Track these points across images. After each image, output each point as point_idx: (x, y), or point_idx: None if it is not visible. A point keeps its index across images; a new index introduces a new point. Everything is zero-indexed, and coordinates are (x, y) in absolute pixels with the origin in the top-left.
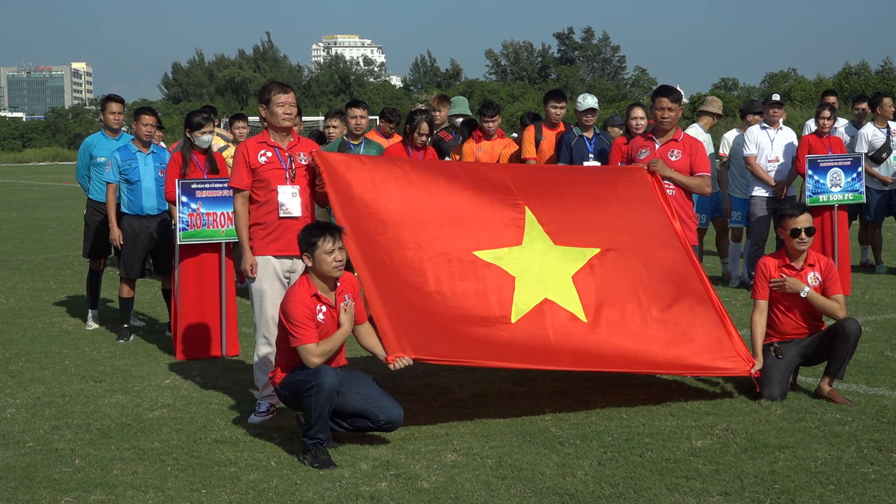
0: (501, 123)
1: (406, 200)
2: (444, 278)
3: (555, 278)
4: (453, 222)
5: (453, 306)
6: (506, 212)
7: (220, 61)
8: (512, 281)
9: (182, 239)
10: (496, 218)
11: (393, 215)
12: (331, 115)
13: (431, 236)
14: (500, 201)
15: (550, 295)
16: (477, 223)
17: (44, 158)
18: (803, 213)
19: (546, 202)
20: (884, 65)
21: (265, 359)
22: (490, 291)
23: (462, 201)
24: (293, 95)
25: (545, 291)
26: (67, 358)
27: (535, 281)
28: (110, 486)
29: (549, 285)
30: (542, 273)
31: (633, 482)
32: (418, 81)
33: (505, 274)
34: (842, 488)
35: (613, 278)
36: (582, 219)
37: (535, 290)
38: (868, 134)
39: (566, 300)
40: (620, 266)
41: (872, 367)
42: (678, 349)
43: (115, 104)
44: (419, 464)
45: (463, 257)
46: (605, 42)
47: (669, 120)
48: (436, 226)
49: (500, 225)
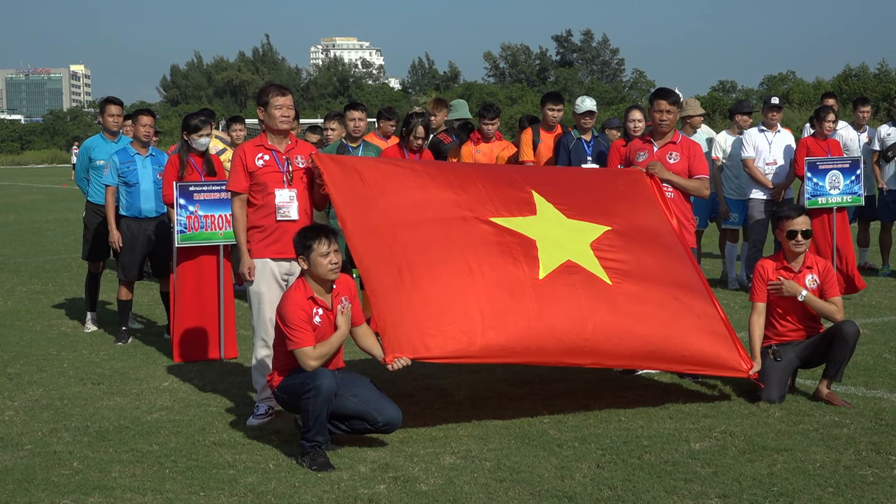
0: (500, 126)
1: (415, 185)
2: (465, 245)
3: (573, 245)
4: (466, 196)
5: (476, 273)
6: (515, 193)
7: (218, 63)
8: (534, 242)
9: (180, 241)
10: (507, 196)
11: (403, 199)
12: (329, 117)
13: (448, 206)
14: (509, 186)
15: (573, 257)
16: (489, 197)
17: (42, 161)
18: (800, 215)
19: (552, 190)
20: (881, 67)
21: (263, 361)
22: (514, 250)
23: (470, 183)
24: (291, 98)
25: (567, 254)
26: (66, 360)
27: (554, 246)
28: (108, 488)
29: (569, 249)
30: (559, 240)
31: (632, 484)
32: (416, 84)
33: (525, 237)
34: (840, 491)
35: (627, 253)
36: (590, 203)
37: (557, 253)
38: (882, 132)
39: (588, 263)
40: (632, 245)
41: (871, 370)
42: (681, 339)
43: (113, 107)
44: (417, 466)
45: (483, 222)
46: (604, 44)
47: (667, 122)
48: (450, 200)
49: (511, 200)
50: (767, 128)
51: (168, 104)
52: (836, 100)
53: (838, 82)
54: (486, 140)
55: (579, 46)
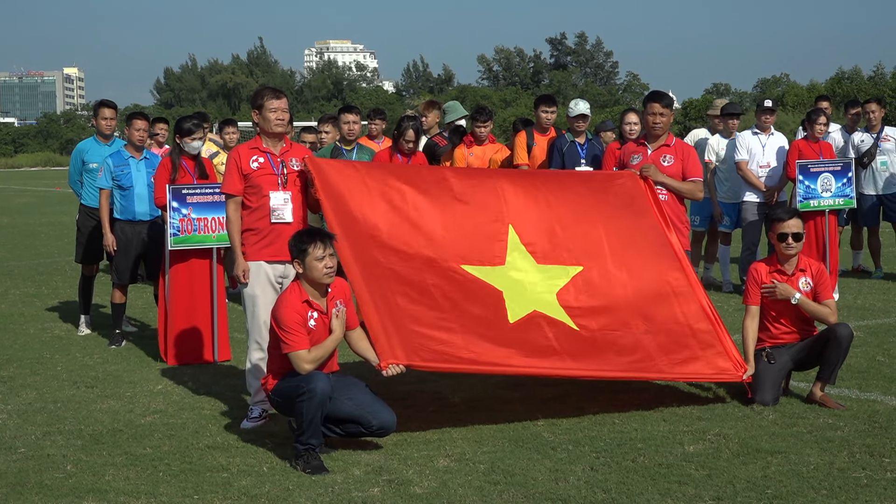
0: (494, 129)
1: (398, 207)
2: (436, 284)
3: (539, 295)
4: (442, 231)
5: (450, 305)
6: (490, 225)
7: (212, 66)
8: (501, 293)
9: (173, 244)
10: (481, 232)
11: (385, 221)
12: (323, 120)
13: (422, 243)
14: (486, 212)
15: (539, 308)
16: (463, 235)
17: (36, 164)
18: (793, 217)
19: (531, 220)
20: (876, 70)
21: (257, 364)
22: (483, 297)
23: (450, 211)
24: (286, 101)
25: (533, 305)
26: (59, 363)
27: (520, 297)
28: (102, 491)
29: (536, 301)
30: (525, 291)
31: (626, 487)
32: (411, 87)
33: (493, 287)
34: (834, 493)
35: (598, 294)
36: (567, 235)
37: (523, 304)
38: (856, 139)
39: (555, 313)
40: (605, 282)
41: (864, 372)
42: (669, 356)
43: (107, 110)
44: (411, 469)
45: (453, 268)
46: (598, 47)
47: (661, 125)
48: (426, 233)
49: (484, 239)
50: (761, 130)
51: (162, 107)
52: (830, 102)
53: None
54: (479, 143)
55: (573, 49)
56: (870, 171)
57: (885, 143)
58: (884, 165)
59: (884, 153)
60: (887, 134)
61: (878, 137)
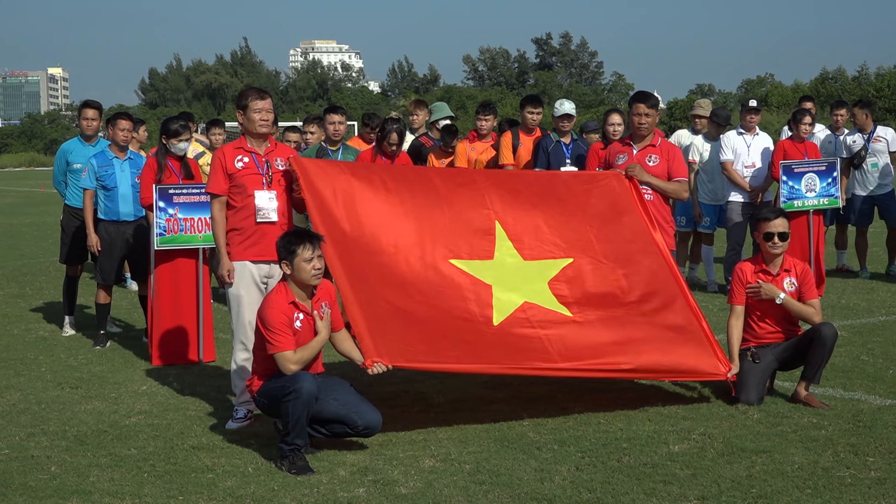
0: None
1: (383, 206)
2: (422, 281)
3: (530, 285)
4: (429, 229)
5: (434, 307)
6: (478, 222)
7: (197, 66)
8: (489, 287)
9: (159, 244)
10: (469, 228)
11: (370, 220)
12: (309, 121)
13: (408, 242)
14: (473, 210)
15: (529, 298)
16: (451, 231)
17: (19, 164)
18: (778, 217)
19: (517, 216)
20: (860, 70)
21: (242, 365)
22: (468, 296)
23: (437, 208)
24: (270, 101)
25: (523, 296)
26: (43, 364)
27: (510, 290)
28: (87, 493)
29: (526, 291)
30: (516, 283)
31: (611, 487)
32: (396, 87)
33: (482, 282)
34: (818, 492)
35: (589, 284)
36: (554, 232)
37: (513, 296)
38: (847, 140)
39: (546, 302)
40: (595, 274)
41: (848, 372)
42: (655, 354)
43: (90, 110)
44: (397, 469)
45: (440, 264)
46: (583, 47)
47: (646, 125)
48: (412, 231)
49: (472, 234)
50: (746, 131)
51: (147, 107)
52: (814, 103)
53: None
54: (481, 137)
55: (558, 49)
56: (860, 173)
57: (876, 144)
58: (874, 167)
59: (874, 154)
60: (878, 135)
61: (868, 139)
